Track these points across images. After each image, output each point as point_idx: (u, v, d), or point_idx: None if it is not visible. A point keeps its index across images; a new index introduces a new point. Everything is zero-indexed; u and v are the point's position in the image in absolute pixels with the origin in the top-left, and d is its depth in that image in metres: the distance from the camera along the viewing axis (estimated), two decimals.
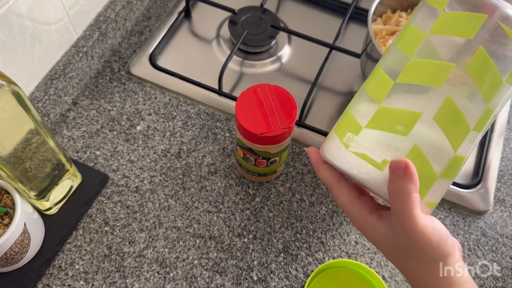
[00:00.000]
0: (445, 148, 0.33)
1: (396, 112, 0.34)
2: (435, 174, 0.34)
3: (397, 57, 0.35)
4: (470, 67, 0.32)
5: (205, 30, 0.75)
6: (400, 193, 0.32)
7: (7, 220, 0.47)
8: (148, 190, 0.59)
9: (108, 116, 0.64)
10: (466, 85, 0.33)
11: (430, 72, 0.34)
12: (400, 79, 0.34)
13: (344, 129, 0.36)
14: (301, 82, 0.70)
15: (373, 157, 0.34)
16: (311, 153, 0.38)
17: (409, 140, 0.34)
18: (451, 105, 0.33)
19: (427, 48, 0.34)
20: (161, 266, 0.54)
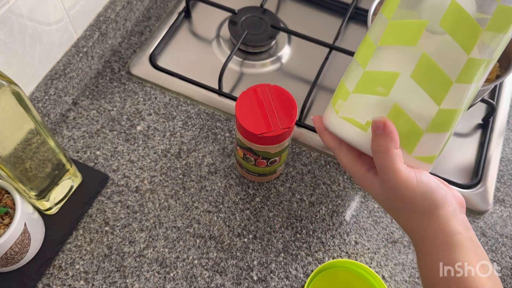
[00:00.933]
0: (427, 104, 0.34)
1: (377, 75, 0.35)
2: (420, 129, 0.34)
3: (380, 22, 0.36)
4: (444, 22, 0.32)
5: (205, 30, 0.75)
6: (380, 151, 0.34)
7: (7, 220, 0.47)
8: (148, 190, 0.59)
9: (108, 116, 0.64)
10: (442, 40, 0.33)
11: (406, 32, 0.34)
12: (381, 42, 0.35)
13: (336, 97, 0.38)
14: (301, 82, 0.70)
15: (358, 119, 0.36)
16: (316, 122, 0.41)
17: (390, 100, 0.35)
18: (427, 61, 0.33)
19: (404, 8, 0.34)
20: (161, 266, 0.54)
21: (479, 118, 0.68)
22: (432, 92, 0.34)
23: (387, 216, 0.59)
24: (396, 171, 0.34)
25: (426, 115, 0.34)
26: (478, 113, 0.68)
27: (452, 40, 0.32)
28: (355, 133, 0.36)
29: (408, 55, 0.34)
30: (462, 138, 0.66)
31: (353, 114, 0.36)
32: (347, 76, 0.38)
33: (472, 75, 0.33)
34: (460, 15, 0.32)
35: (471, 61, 0.32)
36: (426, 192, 0.35)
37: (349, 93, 0.37)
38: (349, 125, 0.37)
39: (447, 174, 0.62)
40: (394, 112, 0.35)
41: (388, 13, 0.35)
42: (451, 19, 0.32)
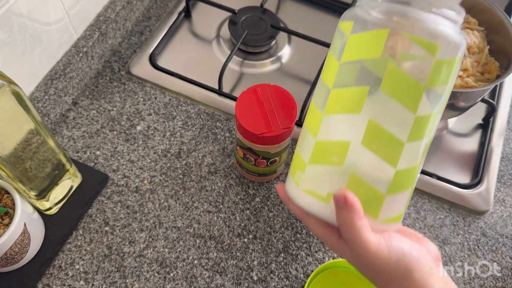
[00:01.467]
0: (383, 168, 0.33)
1: (329, 144, 0.34)
2: (382, 194, 0.33)
3: (322, 89, 0.35)
4: (385, 86, 0.32)
5: (205, 30, 0.75)
6: (345, 224, 0.33)
7: (7, 220, 0.47)
8: (148, 190, 0.59)
9: (108, 116, 0.64)
10: (386, 104, 0.32)
11: (349, 100, 0.33)
12: (326, 111, 0.34)
13: (294, 167, 0.37)
14: (301, 82, 0.70)
15: (319, 192, 0.35)
16: (279, 190, 0.40)
17: (346, 170, 0.34)
18: (375, 127, 0.32)
19: (343, 76, 0.33)
20: (161, 266, 0.54)
21: (479, 118, 0.68)
22: (386, 156, 0.33)
23: None
24: (365, 243, 0.33)
25: (384, 179, 0.33)
26: (478, 113, 0.68)
27: (396, 102, 0.32)
28: (318, 206, 0.35)
29: (355, 123, 0.33)
30: (462, 138, 0.66)
31: (313, 186, 0.35)
32: (301, 145, 0.37)
33: (422, 131, 0.33)
34: (400, 77, 0.31)
35: (419, 119, 0.32)
36: (399, 259, 0.33)
37: (305, 164, 0.36)
38: (311, 197, 0.35)
39: (447, 174, 0.62)
40: (352, 181, 0.34)
41: (328, 81, 0.34)
42: (391, 82, 0.31)
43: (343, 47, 0.33)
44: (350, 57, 0.33)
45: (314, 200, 0.35)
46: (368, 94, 0.32)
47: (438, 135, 0.66)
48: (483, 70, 0.59)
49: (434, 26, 0.30)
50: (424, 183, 0.61)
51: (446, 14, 0.31)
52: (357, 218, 0.33)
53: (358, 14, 0.33)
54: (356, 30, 0.33)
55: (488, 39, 0.61)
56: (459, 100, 0.56)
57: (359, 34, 0.32)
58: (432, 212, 0.59)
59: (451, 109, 0.58)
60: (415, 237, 0.36)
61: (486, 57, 0.60)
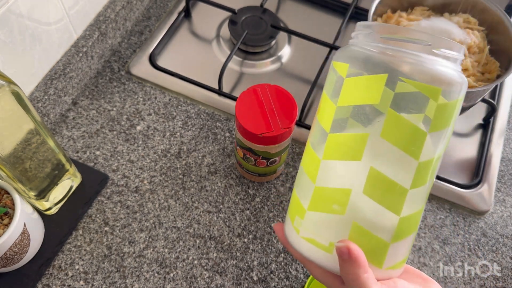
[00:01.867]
0: (386, 216, 0.32)
1: (329, 191, 0.33)
2: (386, 242, 0.32)
3: (319, 133, 0.34)
4: (385, 133, 0.30)
5: (205, 30, 0.75)
6: (350, 278, 0.32)
7: (6, 220, 0.47)
8: (148, 190, 0.59)
9: (108, 116, 0.64)
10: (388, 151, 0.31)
11: (347, 146, 0.32)
12: (324, 156, 0.33)
13: (293, 212, 0.35)
14: (301, 82, 0.70)
15: (320, 241, 0.33)
16: (278, 232, 0.38)
17: (348, 218, 0.32)
18: (376, 175, 0.31)
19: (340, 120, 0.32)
20: (161, 266, 0.54)
21: (479, 118, 0.68)
22: (389, 204, 0.31)
23: None
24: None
25: (388, 227, 0.32)
26: (478, 113, 0.68)
27: (398, 149, 0.30)
28: (319, 255, 0.34)
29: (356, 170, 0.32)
30: (462, 138, 0.66)
31: (314, 235, 0.34)
32: (299, 189, 0.35)
33: (426, 175, 0.31)
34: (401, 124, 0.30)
35: (422, 164, 0.31)
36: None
37: (304, 210, 0.34)
38: (311, 246, 0.34)
39: (447, 174, 0.62)
40: (355, 230, 0.32)
41: (325, 124, 0.33)
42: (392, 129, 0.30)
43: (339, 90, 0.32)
44: (347, 101, 0.32)
45: (315, 249, 0.34)
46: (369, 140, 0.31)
47: None
48: (483, 70, 0.59)
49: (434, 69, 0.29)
50: None
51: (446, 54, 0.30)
52: (362, 272, 0.32)
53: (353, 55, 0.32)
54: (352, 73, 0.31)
55: (488, 39, 0.61)
56: None
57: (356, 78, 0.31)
58: (433, 212, 0.59)
59: None
60: (419, 278, 0.36)
61: (486, 57, 0.60)
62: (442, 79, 0.29)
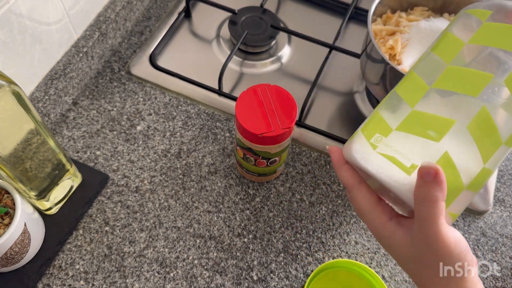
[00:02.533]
0: (475, 159, 0.32)
1: (429, 117, 0.33)
2: (463, 185, 0.33)
3: (433, 63, 0.35)
4: (509, 80, 0.32)
5: (205, 30, 0.75)
6: (427, 199, 0.31)
7: (7, 220, 0.47)
8: (148, 190, 0.59)
9: (108, 116, 0.64)
10: (503, 98, 0.32)
11: (468, 80, 0.33)
12: (436, 84, 0.34)
13: (372, 130, 0.35)
14: (301, 82, 0.70)
15: (402, 160, 0.33)
16: (333, 153, 0.37)
17: (441, 147, 0.33)
18: (485, 116, 0.32)
19: (466, 56, 0.33)
20: (161, 266, 0.54)
21: None
22: (483, 148, 0.32)
23: None
24: (439, 225, 0.31)
25: (470, 170, 0.33)
26: None
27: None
28: (395, 175, 0.33)
29: (467, 105, 0.33)
30: None
31: (396, 153, 0.33)
32: (386, 109, 0.35)
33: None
34: None
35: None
36: (461, 252, 0.32)
37: (391, 129, 0.34)
38: (389, 164, 0.33)
39: None
40: (444, 160, 0.32)
41: (446, 57, 0.34)
42: None
43: (471, 31, 0.33)
44: (481, 41, 0.33)
45: (393, 168, 0.33)
46: (491, 81, 0.32)
47: None
48: None
49: None
50: None
51: None
52: (441, 197, 0.31)
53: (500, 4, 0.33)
54: (495, 19, 0.33)
55: None
56: None
57: (497, 24, 0.32)
58: None
59: None
60: None
61: None
62: None
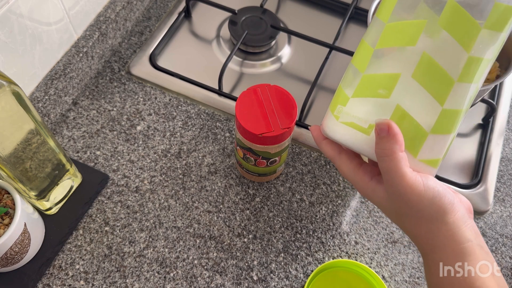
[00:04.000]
0: (430, 104, 0.33)
1: (377, 77, 0.35)
2: (425, 131, 0.34)
3: (376, 26, 0.36)
4: (442, 20, 0.32)
5: (205, 30, 0.75)
6: (385, 154, 0.33)
7: (7, 220, 0.47)
8: (148, 190, 0.59)
9: (108, 116, 0.64)
10: (442, 39, 0.33)
11: (404, 32, 0.34)
12: (379, 45, 0.35)
13: (335, 103, 0.38)
14: (301, 82, 0.70)
15: (360, 123, 0.35)
16: (313, 131, 0.40)
17: (392, 102, 0.34)
18: (428, 61, 0.33)
19: (400, 10, 0.34)
20: (161, 266, 0.54)
21: (479, 118, 0.68)
22: (435, 92, 0.33)
23: None
24: (402, 175, 0.33)
25: (429, 115, 0.34)
26: (478, 113, 0.68)
27: (452, 38, 0.32)
28: (357, 138, 0.36)
29: (408, 56, 0.34)
30: (462, 138, 0.66)
31: (354, 118, 0.36)
32: (345, 82, 0.38)
33: (473, 74, 0.33)
34: (458, 13, 0.32)
35: (472, 60, 0.32)
36: (434, 197, 0.34)
37: (348, 98, 0.36)
38: (350, 129, 0.36)
39: (447, 174, 0.62)
40: (397, 113, 0.34)
41: (384, 16, 0.35)
42: (449, 18, 0.32)
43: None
44: None
45: (354, 132, 0.36)
46: (425, 28, 0.33)
47: None
48: None
49: None
50: None
51: None
52: (398, 149, 0.33)
53: None
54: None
55: None
56: None
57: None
58: None
59: None
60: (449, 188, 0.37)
61: None
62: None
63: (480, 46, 0.32)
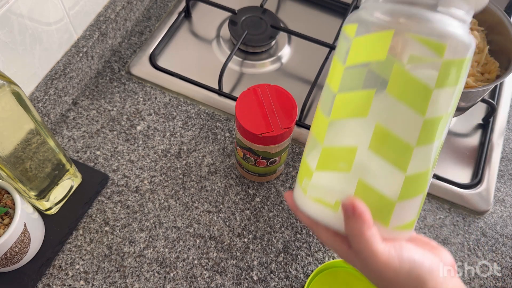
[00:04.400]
0: (392, 173, 0.32)
1: (335, 150, 0.33)
2: (391, 200, 0.32)
3: (327, 94, 0.34)
4: (391, 88, 0.30)
5: (205, 30, 0.75)
6: (354, 234, 0.32)
7: (7, 220, 0.47)
8: (148, 190, 0.59)
9: (108, 116, 0.64)
10: (394, 107, 0.31)
11: (354, 104, 0.32)
12: (332, 116, 0.33)
13: (301, 175, 0.36)
14: (301, 82, 0.70)
15: (327, 199, 0.34)
16: (287, 198, 0.39)
17: (353, 176, 0.32)
18: (382, 131, 0.31)
19: (348, 79, 0.32)
20: (161, 266, 0.54)
21: (479, 118, 0.68)
22: (395, 161, 0.31)
23: None
24: (374, 253, 0.32)
25: (393, 185, 0.32)
26: (478, 113, 0.68)
27: (404, 105, 0.30)
28: (326, 214, 0.34)
29: (361, 127, 0.32)
30: (462, 138, 0.66)
31: (321, 194, 0.34)
32: (308, 152, 0.36)
33: (432, 134, 0.31)
34: (407, 79, 0.30)
35: (428, 122, 0.31)
36: (410, 269, 0.32)
37: (312, 171, 0.35)
38: (318, 205, 0.34)
39: (447, 174, 0.62)
40: (361, 187, 0.32)
41: (334, 85, 0.33)
42: (398, 85, 0.30)
43: (348, 50, 0.33)
44: (355, 60, 0.32)
45: (322, 208, 0.34)
46: (375, 97, 0.31)
47: None
48: (483, 70, 0.59)
49: (441, 26, 0.29)
50: None
51: (453, 13, 0.30)
52: (366, 228, 0.31)
53: (362, 16, 0.32)
54: (361, 32, 0.32)
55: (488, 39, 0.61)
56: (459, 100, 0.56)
57: (364, 36, 0.32)
58: (432, 212, 0.59)
59: None
60: (428, 245, 0.35)
61: (486, 57, 0.60)
62: (448, 36, 0.29)
63: (435, 106, 0.30)
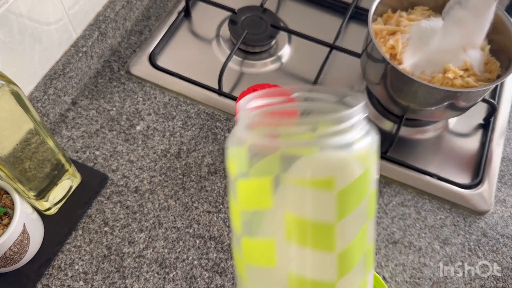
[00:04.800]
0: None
1: None
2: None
3: (235, 237, 0.33)
4: (290, 236, 0.28)
5: (205, 30, 0.75)
6: None
7: (6, 221, 0.47)
8: (148, 190, 0.58)
9: (108, 116, 0.64)
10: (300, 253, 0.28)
11: (260, 251, 0.30)
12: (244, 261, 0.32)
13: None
14: (301, 82, 0.70)
15: None
16: None
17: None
18: (298, 279, 0.29)
19: (248, 224, 0.31)
20: (160, 267, 0.54)
21: (480, 118, 0.68)
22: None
23: (388, 217, 0.59)
24: None
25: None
26: (479, 113, 0.68)
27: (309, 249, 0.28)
28: None
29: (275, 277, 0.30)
30: (463, 138, 0.66)
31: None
32: None
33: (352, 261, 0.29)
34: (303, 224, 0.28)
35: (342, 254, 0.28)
36: None
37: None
38: None
39: (448, 174, 0.62)
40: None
41: (237, 228, 0.31)
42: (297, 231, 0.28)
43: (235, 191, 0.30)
44: (246, 205, 0.30)
45: None
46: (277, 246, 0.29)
47: (438, 135, 0.66)
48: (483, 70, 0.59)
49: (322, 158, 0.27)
50: (424, 183, 0.61)
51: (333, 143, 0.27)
52: None
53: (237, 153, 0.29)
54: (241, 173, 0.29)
55: (489, 39, 0.61)
56: (460, 100, 0.56)
57: (245, 182, 0.29)
58: (433, 212, 0.59)
59: (452, 109, 0.58)
60: None
61: (486, 56, 0.60)
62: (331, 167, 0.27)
63: (345, 236, 0.28)
